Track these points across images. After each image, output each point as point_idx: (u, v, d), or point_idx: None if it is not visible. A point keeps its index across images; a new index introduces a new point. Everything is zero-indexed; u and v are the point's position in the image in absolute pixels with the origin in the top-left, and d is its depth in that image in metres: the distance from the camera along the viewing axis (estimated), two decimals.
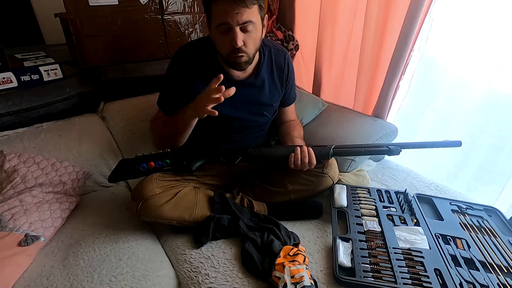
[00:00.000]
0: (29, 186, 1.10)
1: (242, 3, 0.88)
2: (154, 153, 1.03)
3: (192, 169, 1.02)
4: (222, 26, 0.92)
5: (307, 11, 1.68)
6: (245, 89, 1.08)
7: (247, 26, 0.92)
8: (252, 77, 1.09)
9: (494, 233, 1.01)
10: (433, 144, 1.04)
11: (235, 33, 0.91)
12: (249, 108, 1.11)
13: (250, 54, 0.98)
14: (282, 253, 0.88)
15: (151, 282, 0.91)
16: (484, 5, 1.32)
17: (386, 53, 1.36)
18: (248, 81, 1.09)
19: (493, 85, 1.40)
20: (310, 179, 1.11)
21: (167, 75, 1.10)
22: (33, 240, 0.95)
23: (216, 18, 0.92)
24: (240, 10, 0.88)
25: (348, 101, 1.64)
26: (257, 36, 0.97)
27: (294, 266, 0.83)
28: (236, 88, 1.03)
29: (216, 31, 0.94)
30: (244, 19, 0.90)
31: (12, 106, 1.22)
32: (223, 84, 1.06)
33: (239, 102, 1.08)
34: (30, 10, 1.70)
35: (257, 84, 1.10)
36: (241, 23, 0.91)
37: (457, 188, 1.32)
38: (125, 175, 1.07)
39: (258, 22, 0.95)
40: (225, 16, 0.90)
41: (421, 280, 0.83)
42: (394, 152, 1.01)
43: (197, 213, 1.03)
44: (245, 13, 0.90)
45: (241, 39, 0.93)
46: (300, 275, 0.80)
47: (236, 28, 0.91)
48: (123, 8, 1.38)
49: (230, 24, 0.91)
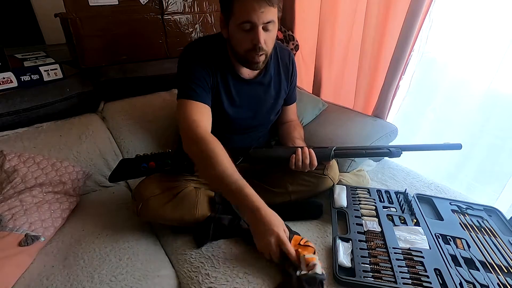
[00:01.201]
0: (29, 186, 1.10)
1: (269, 1, 0.88)
2: (155, 153, 1.03)
3: (193, 169, 1.01)
4: (245, 24, 0.91)
5: (307, 11, 1.68)
6: (253, 87, 1.08)
7: (269, 26, 0.92)
8: (261, 76, 1.09)
9: (494, 233, 1.01)
10: (434, 146, 1.05)
11: (259, 32, 0.91)
12: (255, 106, 1.11)
13: (268, 52, 0.98)
14: (293, 242, 0.88)
15: (151, 282, 0.91)
16: (484, 5, 1.32)
17: (386, 53, 1.36)
18: (256, 80, 1.08)
19: (493, 85, 1.41)
20: (310, 180, 1.11)
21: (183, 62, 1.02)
22: (33, 240, 0.95)
23: (240, 16, 0.91)
24: (266, 8, 0.88)
25: (348, 101, 1.64)
26: (274, 35, 0.97)
27: (308, 255, 0.84)
28: (245, 86, 1.03)
29: (238, 28, 0.93)
30: (268, 18, 0.90)
31: (12, 106, 1.22)
32: (233, 83, 1.06)
33: (247, 100, 1.08)
34: (30, 10, 1.70)
35: (265, 83, 1.10)
36: (265, 22, 0.91)
37: (457, 188, 1.32)
38: (126, 175, 1.07)
39: (277, 21, 0.95)
40: (250, 14, 0.89)
41: (421, 280, 0.83)
42: (395, 154, 1.01)
43: (197, 214, 1.03)
44: (270, 12, 0.90)
45: (263, 38, 0.93)
46: (313, 263, 0.82)
47: (260, 27, 0.91)
48: (123, 8, 1.38)
49: (255, 23, 0.90)
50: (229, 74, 1.04)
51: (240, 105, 1.07)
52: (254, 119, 1.13)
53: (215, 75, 1.03)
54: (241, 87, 1.07)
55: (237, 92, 1.06)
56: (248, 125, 1.13)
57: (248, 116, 1.11)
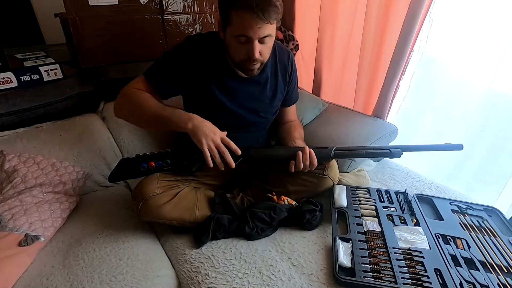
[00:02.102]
0: (29, 186, 1.10)
1: (266, 20, 0.87)
2: (154, 153, 1.03)
3: (193, 169, 1.02)
4: (241, 37, 0.91)
5: (307, 11, 1.68)
6: (249, 85, 1.09)
7: (265, 39, 0.92)
8: (257, 75, 1.09)
9: (494, 233, 1.01)
10: (435, 147, 1.04)
11: (254, 45, 0.91)
12: (250, 104, 1.11)
13: (264, 61, 0.99)
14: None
15: (151, 282, 0.91)
16: (484, 5, 1.32)
17: (386, 53, 1.36)
18: (253, 78, 1.08)
19: (493, 85, 1.40)
20: (310, 180, 1.11)
21: (173, 53, 1.06)
22: (33, 240, 0.95)
23: (237, 28, 0.91)
24: (262, 25, 0.88)
25: (348, 101, 1.64)
26: (271, 45, 0.98)
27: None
28: (240, 84, 1.04)
29: (234, 39, 0.93)
30: (265, 33, 0.90)
31: (12, 106, 1.22)
32: (229, 81, 1.06)
33: (241, 98, 1.09)
34: (30, 10, 1.70)
35: (261, 81, 1.10)
36: (261, 37, 0.91)
37: (457, 188, 1.32)
38: (125, 175, 1.07)
39: (274, 33, 0.95)
40: (247, 29, 0.89)
41: (421, 280, 0.83)
42: (395, 154, 1.01)
43: (197, 214, 1.03)
44: (267, 28, 0.89)
45: (258, 50, 0.93)
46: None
47: (255, 41, 0.91)
48: (123, 8, 1.38)
49: (251, 37, 0.90)
50: (224, 72, 1.05)
51: (236, 100, 1.08)
52: (251, 117, 1.13)
53: (204, 74, 1.04)
54: (237, 84, 1.08)
55: (233, 88, 1.07)
56: (245, 122, 1.13)
57: (245, 113, 1.11)
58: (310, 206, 1.07)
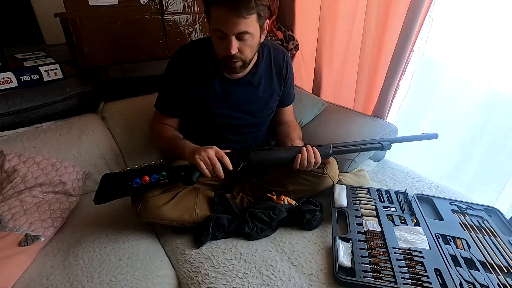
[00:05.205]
0: (29, 186, 1.10)
1: (238, 14, 0.86)
2: (145, 166, 0.95)
3: (193, 180, 0.95)
4: (218, 32, 0.92)
5: (307, 11, 1.68)
6: (242, 88, 1.09)
7: (243, 36, 0.91)
8: (249, 76, 1.09)
9: (494, 233, 1.01)
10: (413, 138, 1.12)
11: (231, 41, 0.91)
12: (244, 106, 1.11)
13: (246, 59, 0.98)
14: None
15: (151, 282, 0.91)
16: (484, 5, 1.32)
17: (386, 53, 1.36)
18: (245, 80, 1.09)
19: (493, 85, 1.40)
20: (310, 179, 1.11)
21: (165, 75, 1.10)
22: (33, 240, 0.95)
23: (213, 23, 0.92)
24: (236, 20, 0.87)
25: (348, 101, 1.64)
26: (254, 43, 0.96)
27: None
28: (231, 86, 1.04)
29: (213, 33, 0.95)
30: (240, 29, 0.89)
31: (12, 106, 1.21)
32: (220, 84, 1.06)
33: (234, 100, 1.09)
34: (30, 10, 1.70)
35: (254, 83, 1.10)
36: (236, 33, 0.90)
37: (457, 188, 1.32)
38: (115, 194, 0.96)
39: (255, 31, 0.93)
40: (221, 24, 0.89)
41: (421, 280, 0.83)
42: (386, 147, 1.06)
43: (197, 214, 1.03)
44: (242, 24, 0.88)
45: (236, 46, 0.92)
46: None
47: (231, 37, 0.90)
48: (123, 8, 1.38)
49: (226, 33, 0.90)
50: (214, 76, 1.06)
51: (229, 103, 1.08)
52: (246, 118, 1.13)
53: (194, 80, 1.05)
54: (228, 87, 1.08)
55: (224, 92, 1.08)
56: (240, 123, 1.14)
57: (239, 115, 1.11)
58: (310, 206, 1.07)
